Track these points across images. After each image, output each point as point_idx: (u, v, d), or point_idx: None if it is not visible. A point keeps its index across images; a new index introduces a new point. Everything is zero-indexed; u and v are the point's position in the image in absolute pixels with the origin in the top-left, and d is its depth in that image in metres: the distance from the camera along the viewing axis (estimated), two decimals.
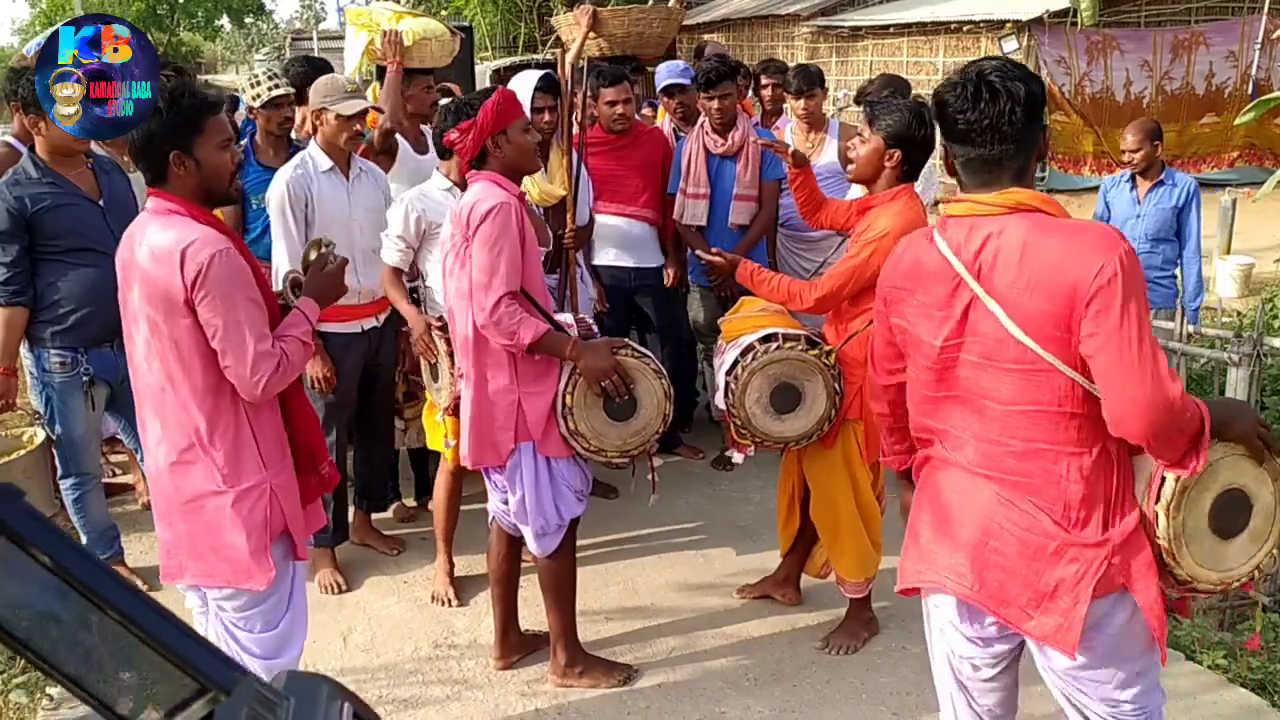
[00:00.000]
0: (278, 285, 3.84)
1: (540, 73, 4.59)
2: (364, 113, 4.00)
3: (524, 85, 4.39)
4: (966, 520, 2.18)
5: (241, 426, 2.61)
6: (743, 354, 3.46)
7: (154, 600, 0.71)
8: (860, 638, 3.76)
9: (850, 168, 3.55)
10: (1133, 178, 5.60)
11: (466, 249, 3.13)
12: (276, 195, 3.92)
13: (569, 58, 4.37)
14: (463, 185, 3.83)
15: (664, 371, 3.35)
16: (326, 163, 3.99)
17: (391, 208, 4.04)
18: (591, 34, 4.43)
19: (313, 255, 2.89)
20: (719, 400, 3.56)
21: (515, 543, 3.57)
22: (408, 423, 4.75)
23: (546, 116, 4.40)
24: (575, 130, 4.42)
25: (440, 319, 3.75)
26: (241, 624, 2.71)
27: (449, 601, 4.09)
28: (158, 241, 2.50)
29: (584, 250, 4.89)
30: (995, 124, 2.05)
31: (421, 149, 4.79)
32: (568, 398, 3.21)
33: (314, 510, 2.89)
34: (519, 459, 3.29)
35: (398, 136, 4.72)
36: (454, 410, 3.73)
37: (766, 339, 3.47)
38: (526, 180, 3.90)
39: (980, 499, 2.15)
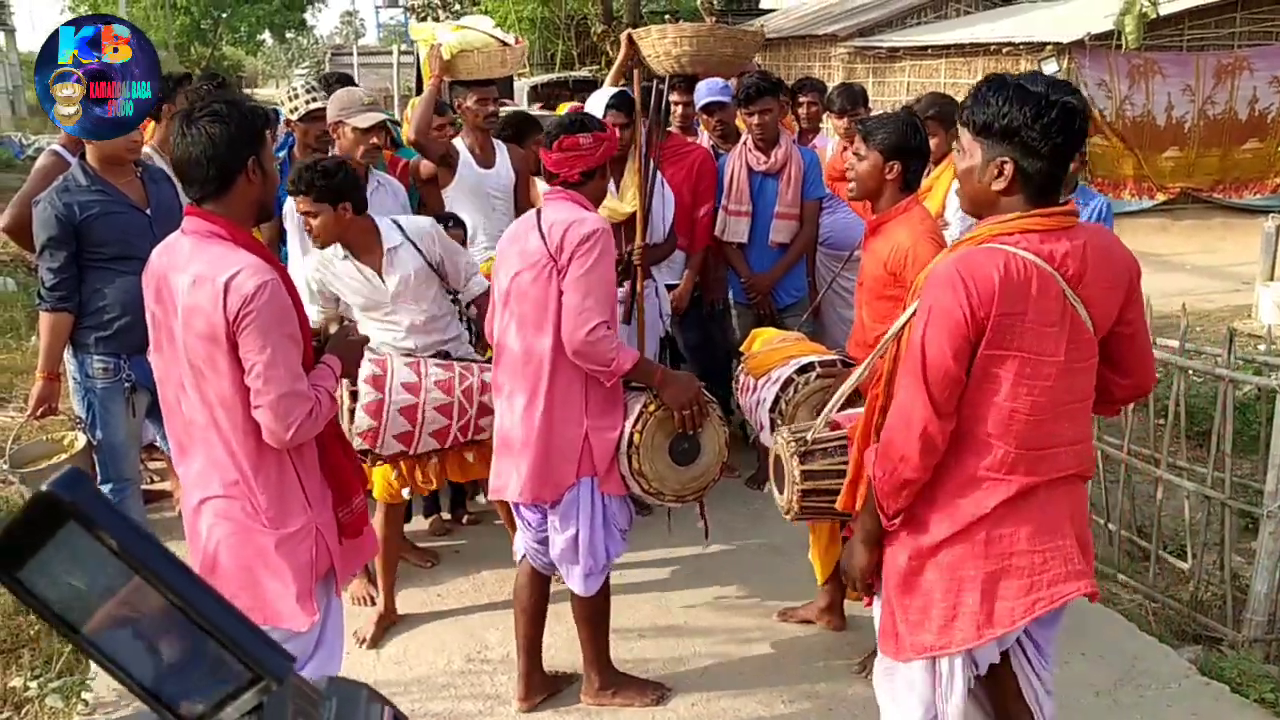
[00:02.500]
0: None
1: (615, 90, 4.60)
2: (381, 125, 4.01)
3: (598, 103, 4.40)
4: (1060, 524, 2.28)
5: (285, 469, 2.52)
6: (783, 389, 3.44)
7: (212, 587, 0.70)
8: None
9: (850, 187, 3.51)
10: None
11: (552, 270, 3.04)
12: (292, 210, 3.94)
13: (608, 78, 4.36)
14: (360, 253, 3.68)
15: (726, 420, 3.34)
16: None
17: (305, 259, 3.91)
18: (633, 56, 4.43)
19: (333, 329, 2.84)
20: (764, 437, 3.51)
21: (546, 582, 3.48)
22: None
23: (618, 134, 4.38)
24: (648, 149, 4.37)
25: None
26: None
27: (365, 642, 3.89)
28: (203, 272, 2.40)
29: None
30: (1076, 143, 2.18)
31: (486, 162, 4.78)
32: (635, 436, 3.14)
33: (359, 544, 2.80)
34: (577, 495, 3.19)
35: (460, 147, 4.73)
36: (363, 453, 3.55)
37: (804, 369, 3.45)
38: None
39: (1062, 498, 2.28)
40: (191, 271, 2.41)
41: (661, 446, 3.20)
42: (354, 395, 3.46)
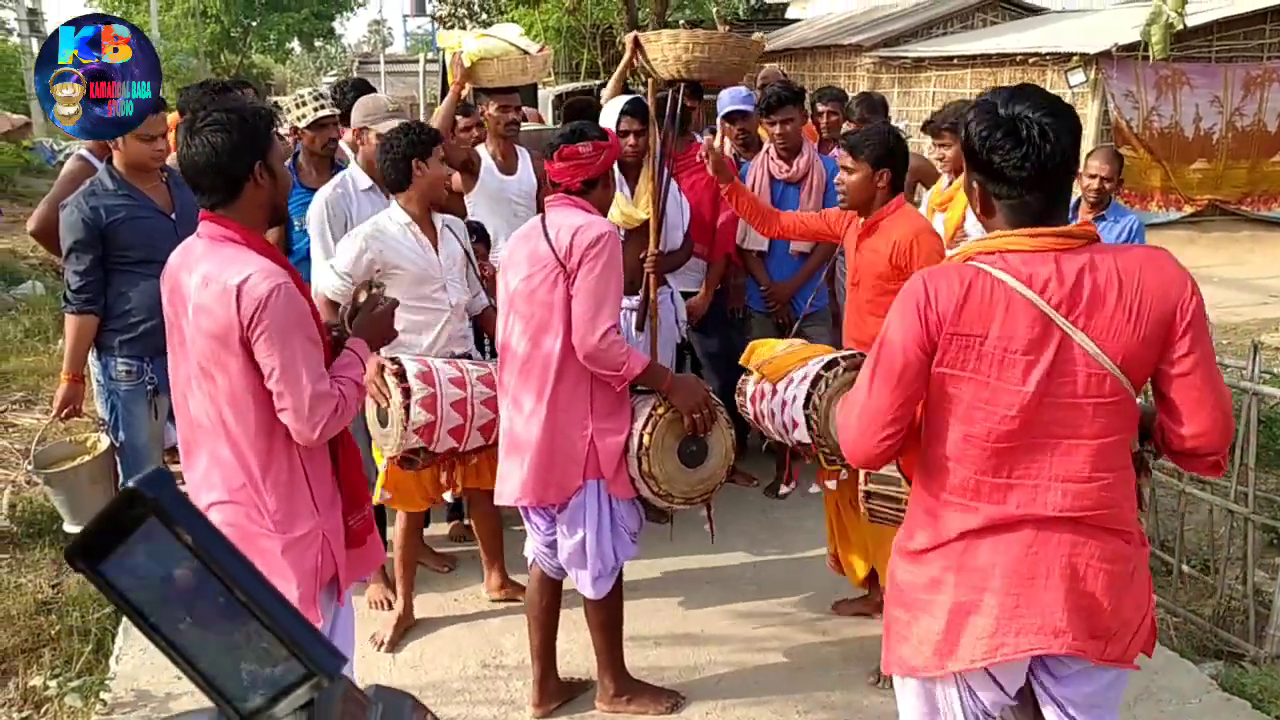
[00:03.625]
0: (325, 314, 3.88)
1: (629, 97, 4.61)
2: None
3: (612, 110, 4.42)
4: (1050, 572, 2.09)
5: (295, 470, 2.51)
6: (813, 384, 3.45)
7: (273, 585, 0.73)
8: None
9: (841, 199, 3.72)
10: (1076, 205, 5.21)
11: (559, 275, 3.05)
12: (316, 214, 3.96)
13: (611, 82, 4.36)
14: (423, 222, 3.75)
15: (732, 422, 3.36)
16: (366, 181, 4.03)
17: (344, 238, 3.81)
18: (637, 59, 4.42)
19: (362, 297, 2.83)
20: (799, 435, 3.51)
21: (557, 586, 3.48)
22: None
23: (633, 140, 4.38)
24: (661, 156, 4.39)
25: (394, 360, 3.53)
26: None
27: (383, 645, 3.92)
28: (212, 273, 2.39)
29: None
30: (1055, 168, 2.01)
31: (508, 169, 4.81)
32: (645, 438, 3.16)
33: (364, 553, 2.78)
34: (584, 498, 3.21)
35: (482, 154, 4.76)
36: (401, 461, 3.58)
37: (829, 365, 3.48)
38: None
39: (1056, 545, 2.09)
40: (201, 271, 2.41)
41: (671, 449, 3.22)
42: (406, 393, 3.44)
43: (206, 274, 2.40)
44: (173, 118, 4.46)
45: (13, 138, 18.04)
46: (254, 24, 43.72)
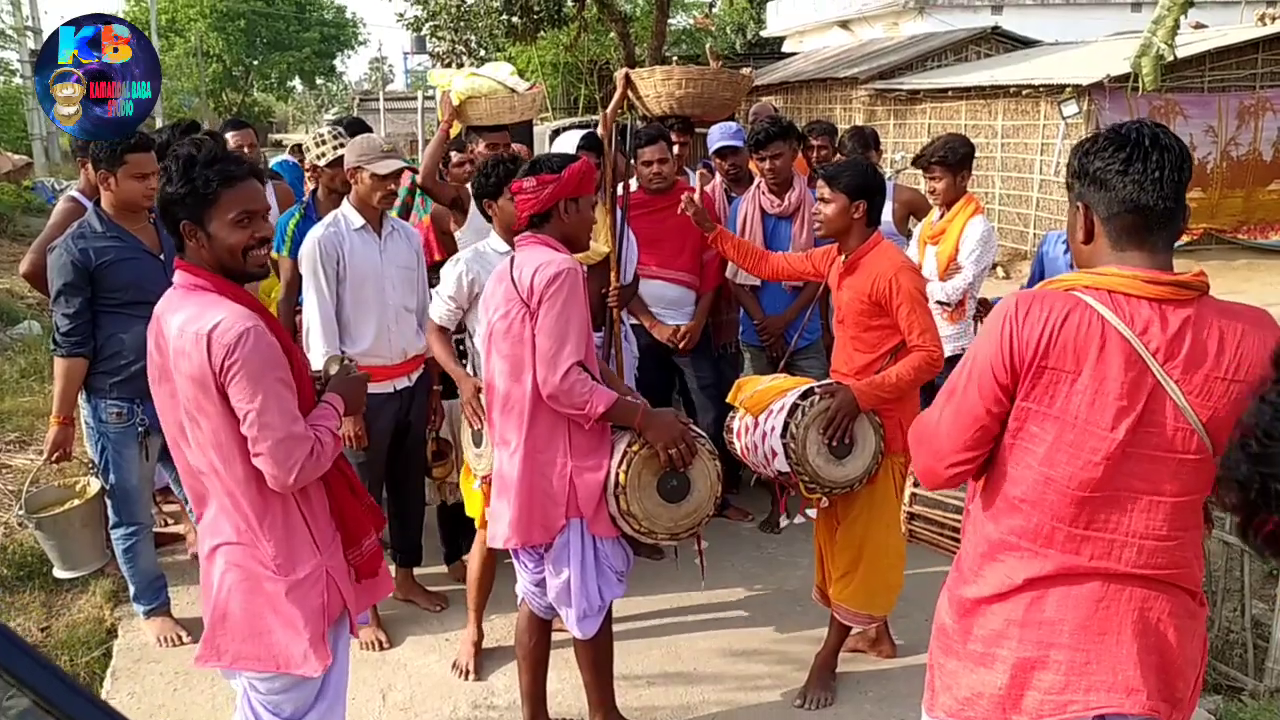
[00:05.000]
0: (309, 351, 3.89)
1: (583, 131, 4.63)
2: (399, 172, 4.05)
3: (568, 143, 4.43)
4: (1121, 628, 2.01)
5: (291, 513, 2.51)
6: (790, 414, 3.49)
7: (74, 681, 0.70)
8: (831, 688, 3.83)
9: (818, 229, 3.76)
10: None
11: (525, 314, 3.04)
12: (308, 252, 3.97)
13: (607, 112, 4.37)
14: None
15: (717, 452, 3.31)
16: (359, 220, 4.04)
17: (447, 265, 4.05)
18: (629, 95, 4.45)
19: (334, 369, 2.82)
20: (779, 464, 3.52)
21: (546, 626, 3.45)
22: (439, 481, 4.69)
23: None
24: (619, 189, 4.42)
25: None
26: (269, 706, 2.57)
27: (468, 673, 3.98)
28: (186, 322, 2.39)
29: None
30: (1165, 176, 1.94)
31: None
32: (620, 476, 3.11)
33: (372, 585, 2.77)
34: (567, 537, 3.17)
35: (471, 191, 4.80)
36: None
37: (805, 394, 3.54)
38: None
39: (1128, 600, 2.01)
40: (177, 321, 2.41)
41: (649, 485, 3.17)
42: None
43: (182, 324, 2.40)
44: None
45: (14, 178, 18.16)
46: (256, 63, 44.13)
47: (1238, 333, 1.92)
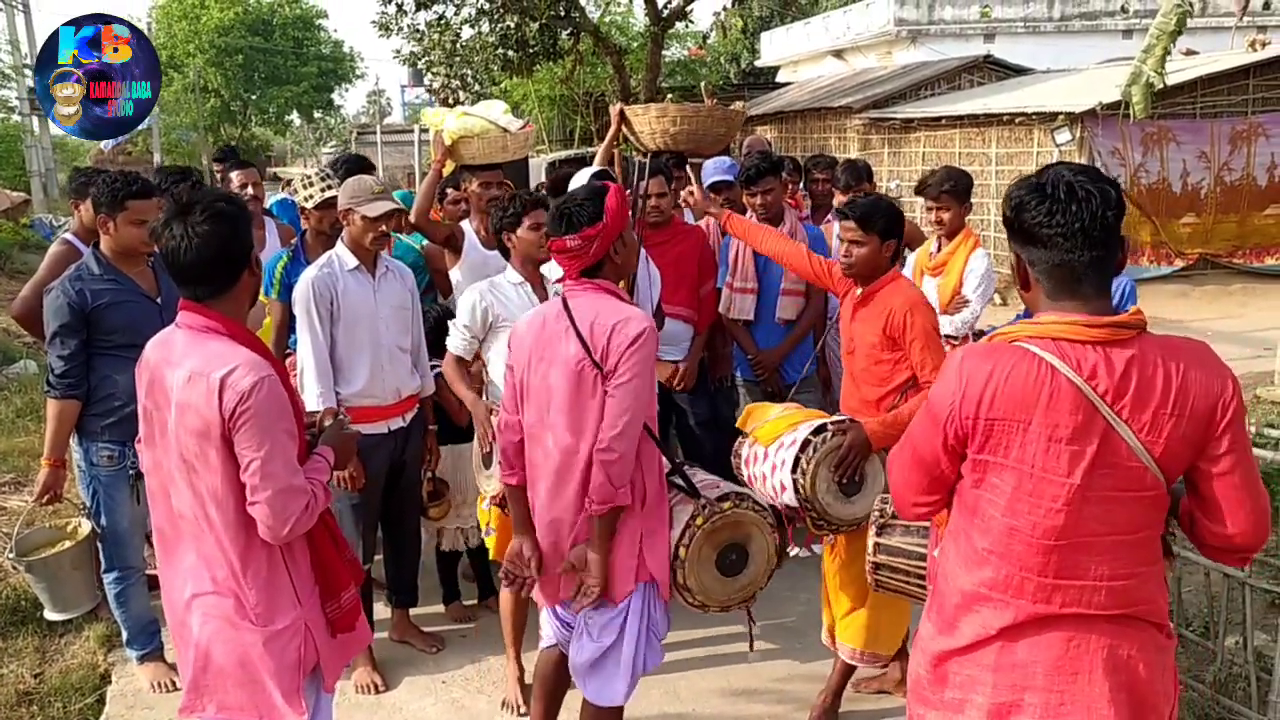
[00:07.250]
0: (303, 392, 3.87)
1: (595, 169, 4.64)
2: (390, 214, 4.05)
3: (581, 180, 4.45)
4: (1093, 667, 2.03)
5: (275, 564, 2.50)
6: (801, 449, 3.48)
7: None
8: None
9: (847, 269, 3.68)
10: None
11: (598, 375, 2.85)
12: (301, 294, 3.96)
13: (600, 152, 4.39)
14: (534, 280, 3.93)
15: (777, 526, 3.24)
16: (352, 261, 4.04)
17: (461, 296, 4.10)
18: (625, 130, 4.47)
19: (328, 421, 2.81)
20: (787, 498, 3.50)
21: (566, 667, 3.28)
22: (437, 524, 4.65)
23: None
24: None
25: None
26: None
27: (518, 708, 3.93)
28: (199, 367, 2.38)
29: None
30: (1086, 227, 1.96)
31: (491, 243, 4.84)
32: (682, 550, 3.03)
33: (351, 638, 2.73)
34: (630, 602, 2.99)
35: (466, 229, 4.80)
36: (501, 501, 3.66)
37: (818, 430, 3.51)
38: None
39: (1098, 639, 2.03)
40: (187, 367, 2.40)
41: (709, 559, 3.08)
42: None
43: (193, 370, 2.38)
44: None
45: (12, 215, 18.19)
46: (254, 97, 44.37)
47: (1180, 368, 1.96)
